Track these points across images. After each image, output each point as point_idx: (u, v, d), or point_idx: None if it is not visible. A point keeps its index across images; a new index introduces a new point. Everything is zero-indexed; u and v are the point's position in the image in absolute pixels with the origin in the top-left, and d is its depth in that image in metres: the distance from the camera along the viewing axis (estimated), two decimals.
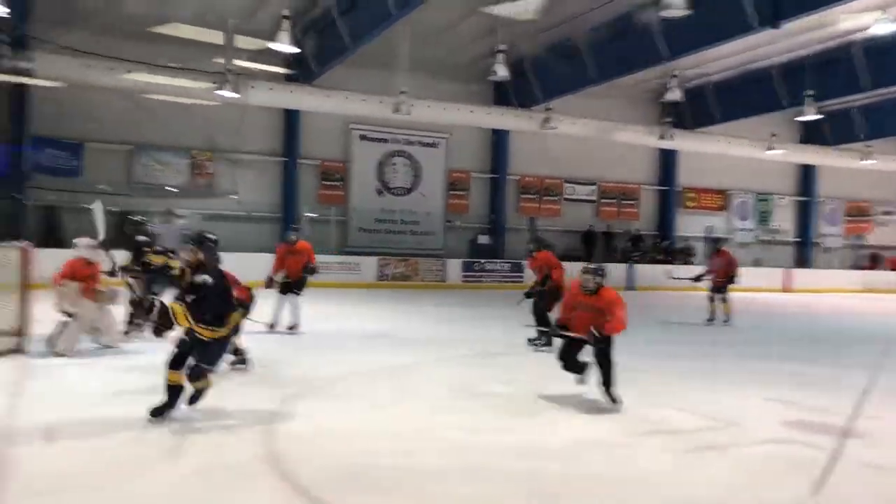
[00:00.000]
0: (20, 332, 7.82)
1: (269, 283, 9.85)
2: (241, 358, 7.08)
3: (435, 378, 7.46)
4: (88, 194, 17.23)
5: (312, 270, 10.16)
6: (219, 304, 5.36)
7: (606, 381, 6.19)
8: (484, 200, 22.66)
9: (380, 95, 18.05)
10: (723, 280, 13.03)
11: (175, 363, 5.26)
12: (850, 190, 27.79)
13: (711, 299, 13.09)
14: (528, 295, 9.81)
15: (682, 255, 23.84)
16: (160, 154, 18.61)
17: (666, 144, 22.58)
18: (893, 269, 26.86)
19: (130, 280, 8.91)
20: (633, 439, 5.36)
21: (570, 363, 6.49)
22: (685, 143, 22.86)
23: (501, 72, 16.25)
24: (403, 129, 20.98)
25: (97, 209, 8.92)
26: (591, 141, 21.98)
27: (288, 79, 18.22)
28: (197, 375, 5.29)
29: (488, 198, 22.67)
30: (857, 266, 27.64)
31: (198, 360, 5.27)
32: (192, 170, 18.95)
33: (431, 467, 4.53)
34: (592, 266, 6.40)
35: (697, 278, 13.52)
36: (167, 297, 6.25)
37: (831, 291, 23.54)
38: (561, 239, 23.24)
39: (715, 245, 14.88)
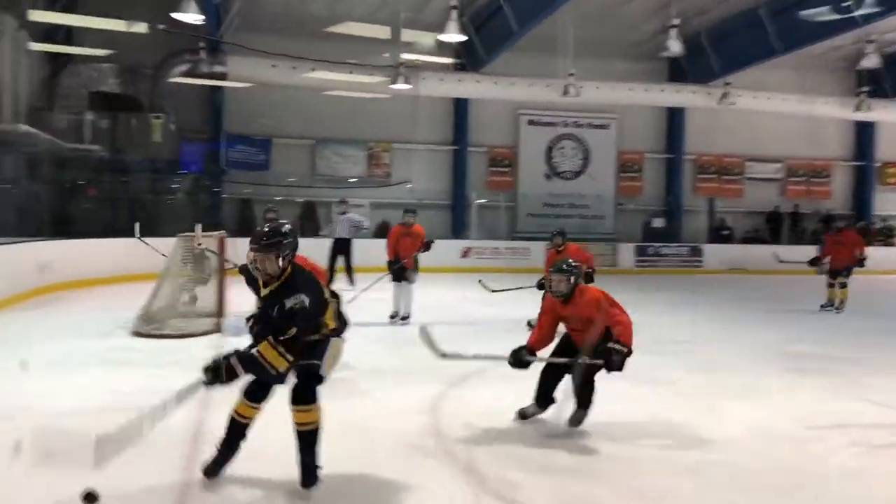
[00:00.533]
0: (219, 313, 8.56)
1: (395, 265, 9.48)
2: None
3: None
4: (277, 187, 18.67)
5: (428, 246, 9.72)
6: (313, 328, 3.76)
7: (586, 402, 4.93)
8: (658, 182, 21.89)
9: (547, 79, 17.89)
10: (844, 263, 11.59)
11: (254, 393, 3.83)
12: None
13: (831, 284, 11.69)
14: (540, 286, 8.55)
15: (881, 235, 21.82)
16: (340, 147, 19.59)
17: (862, 116, 20.63)
18: None
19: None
20: (817, 432, 5.00)
21: (548, 395, 5.06)
22: (885, 113, 20.76)
23: (675, 47, 15.61)
24: (572, 112, 20.70)
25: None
26: (775, 116, 20.57)
27: (456, 68, 18.55)
28: (304, 398, 3.75)
29: (663, 179, 21.88)
30: None
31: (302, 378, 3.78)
32: (369, 161, 19.78)
33: (604, 455, 4.46)
34: (562, 265, 5.04)
35: (813, 261, 11.96)
36: None
37: None
38: (744, 221, 22.03)
39: (833, 225, 12.99)
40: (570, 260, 5.19)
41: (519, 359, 4.86)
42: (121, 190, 16.40)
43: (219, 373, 3.49)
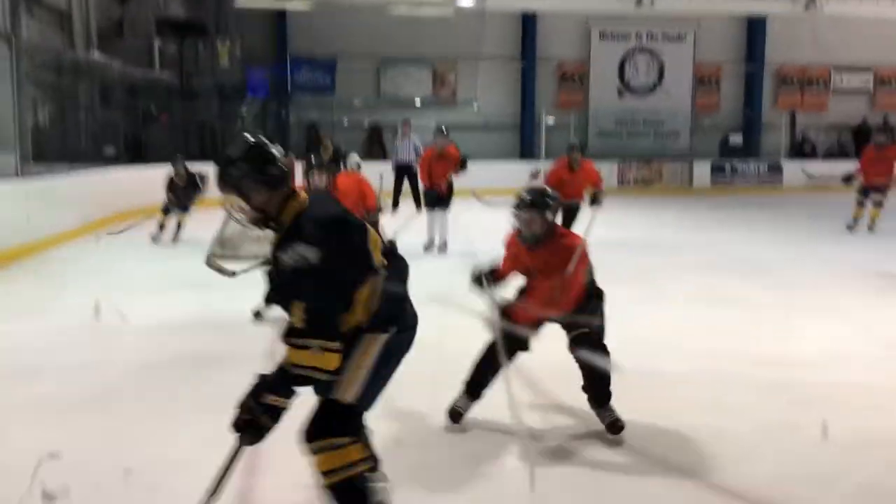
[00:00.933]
0: None
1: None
2: None
3: (679, 284, 7.17)
4: (342, 110, 18.62)
5: (463, 164, 9.02)
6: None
7: (603, 396, 3.61)
8: (737, 96, 20.91)
9: None
10: (883, 180, 10.32)
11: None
12: None
13: (860, 203, 10.55)
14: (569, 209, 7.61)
15: None
16: (404, 67, 19.29)
17: None
18: None
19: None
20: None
21: (483, 384, 3.67)
22: None
23: None
24: (646, 24, 19.80)
25: None
26: (865, 21, 19.21)
27: None
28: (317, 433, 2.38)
29: (742, 92, 20.89)
30: None
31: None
32: (435, 81, 19.45)
33: (676, 373, 4.39)
34: (528, 196, 3.60)
35: (847, 179, 10.74)
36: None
37: None
38: (827, 135, 20.97)
39: (876, 137, 11.03)
40: (548, 188, 3.82)
41: (478, 279, 3.71)
42: (190, 116, 16.62)
43: (257, 425, 2.25)
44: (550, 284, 3.55)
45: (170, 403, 4.05)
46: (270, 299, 4.78)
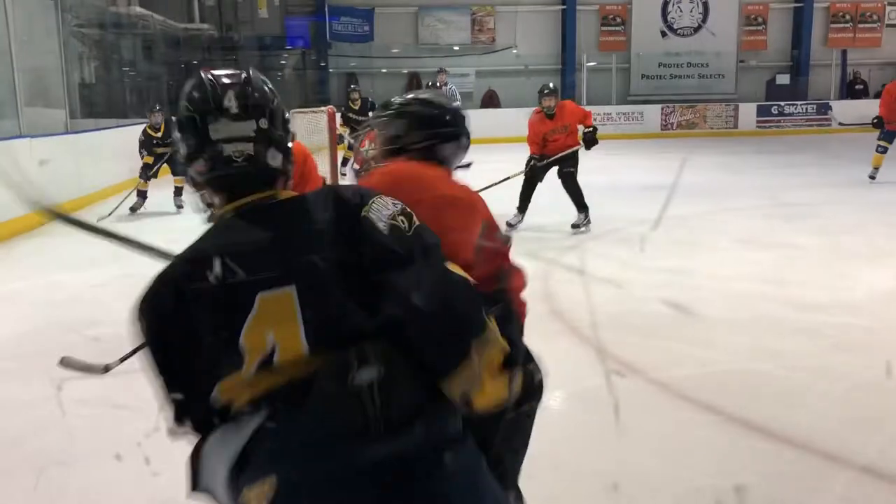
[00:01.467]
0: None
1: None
2: None
3: (723, 229, 7.12)
4: (381, 59, 18.52)
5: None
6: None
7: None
8: (785, 35, 20.27)
9: None
10: None
11: None
12: None
13: (883, 148, 9.52)
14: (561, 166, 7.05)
15: None
16: (443, 13, 19.06)
17: None
18: None
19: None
20: None
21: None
22: None
23: None
24: None
25: None
26: None
27: None
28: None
29: (790, 31, 20.23)
30: None
31: None
32: (473, 26, 19.20)
33: (717, 317, 4.40)
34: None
35: (878, 122, 9.58)
36: None
37: None
38: (882, 73, 20.25)
39: None
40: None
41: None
42: (232, 68, 16.69)
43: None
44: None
45: None
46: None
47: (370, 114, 8.56)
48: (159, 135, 8.96)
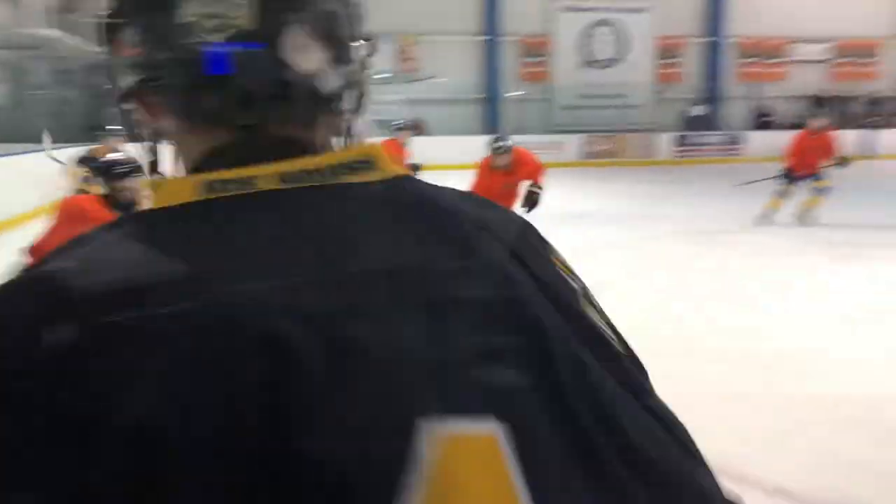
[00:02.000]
0: None
1: None
2: None
3: (644, 256, 7.30)
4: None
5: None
6: None
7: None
8: (699, 68, 21.12)
9: None
10: (806, 169, 9.01)
11: None
12: None
13: (782, 193, 9.16)
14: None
15: None
16: None
17: None
18: None
19: None
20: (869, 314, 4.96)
21: None
22: None
23: None
24: None
25: None
26: None
27: None
28: None
29: (704, 65, 21.10)
30: None
31: None
32: (398, 55, 19.33)
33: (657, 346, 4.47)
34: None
35: (786, 174, 9.18)
36: None
37: None
38: (786, 105, 21.30)
39: (810, 121, 9.54)
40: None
41: None
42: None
43: None
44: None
45: None
46: None
47: None
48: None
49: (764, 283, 6.10)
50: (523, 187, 6.02)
